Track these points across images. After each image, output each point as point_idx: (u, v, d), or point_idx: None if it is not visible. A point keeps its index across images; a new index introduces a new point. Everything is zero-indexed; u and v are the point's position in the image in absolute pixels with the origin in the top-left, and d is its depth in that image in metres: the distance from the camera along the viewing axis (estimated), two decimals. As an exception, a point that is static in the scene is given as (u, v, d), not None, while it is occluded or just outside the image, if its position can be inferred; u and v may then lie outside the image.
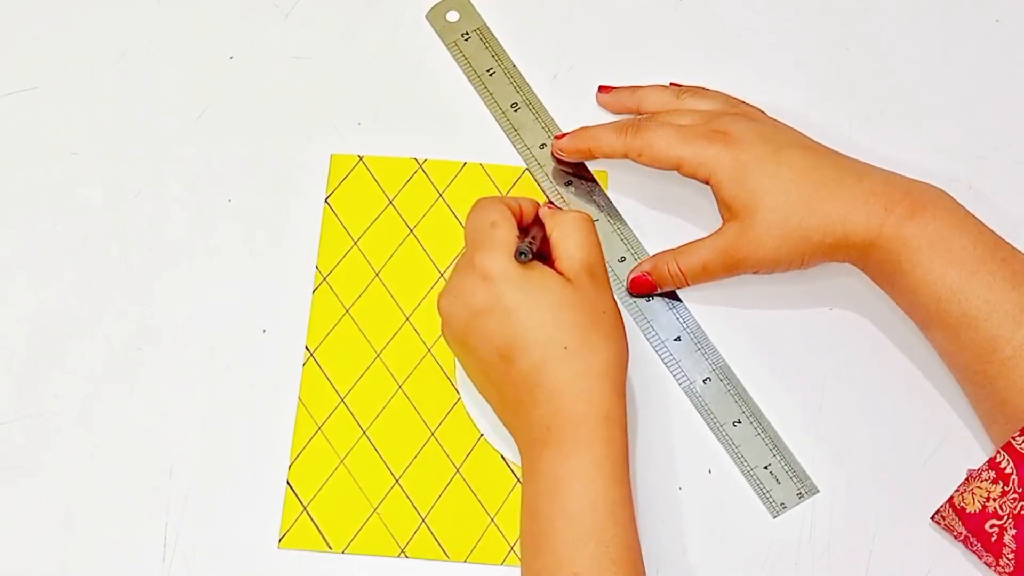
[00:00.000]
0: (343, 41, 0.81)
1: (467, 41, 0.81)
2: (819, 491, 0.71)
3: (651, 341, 0.74)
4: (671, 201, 0.77)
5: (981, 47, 0.82)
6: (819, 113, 0.78)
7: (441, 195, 0.77)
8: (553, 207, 0.72)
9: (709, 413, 0.73)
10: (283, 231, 0.76)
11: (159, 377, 0.73)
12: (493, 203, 0.67)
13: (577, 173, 0.78)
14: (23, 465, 0.71)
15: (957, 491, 0.67)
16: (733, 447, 0.72)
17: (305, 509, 0.70)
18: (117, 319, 0.74)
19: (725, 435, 0.72)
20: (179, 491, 0.70)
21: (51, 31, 0.81)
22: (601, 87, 0.79)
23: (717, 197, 0.72)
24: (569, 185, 0.78)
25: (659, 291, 0.75)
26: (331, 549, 0.70)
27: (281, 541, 0.70)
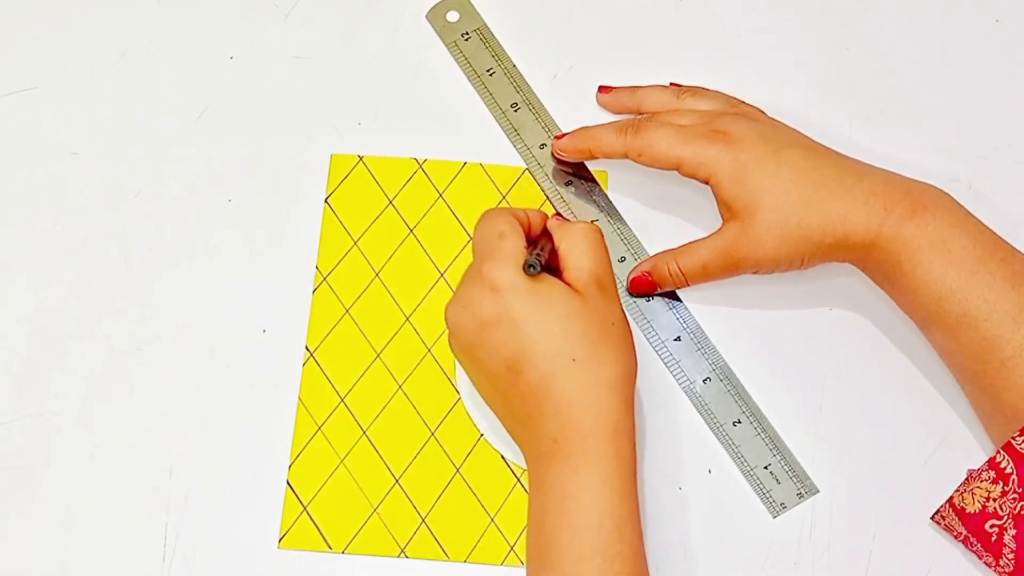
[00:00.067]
0: (343, 41, 0.81)
1: (467, 41, 0.81)
2: (819, 491, 0.71)
3: (651, 341, 0.74)
4: (671, 201, 0.77)
5: (981, 47, 0.82)
6: (819, 113, 0.78)
7: (441, 195, 0.77)
8: (561, 218, 0.72)
9: (709, 413, 0.73)
10: (283, 231, 0.76)
11: (159, 377, 0.73)
12: (501, 214, 0.67)
13: (577, 173, 0.78)
14: (23, 465, 0.71)
15: (957, 491, 0.67)
16: (733, 447, 0.72)
17: (305, 509, 0.70)
18: (117, 319, 0.74)
19: (725, 435, 0.72)
20: (179, 491, 0.70)
21: (51, 31, 0.81)
22: (601, 87, 0.79)
23: (717, 197, 0.72)
24: (569, 185, 0.78)
25: (659, 291, 0.75)
26: (331, 549, 0.70)
27: (281, 541, 0.70)
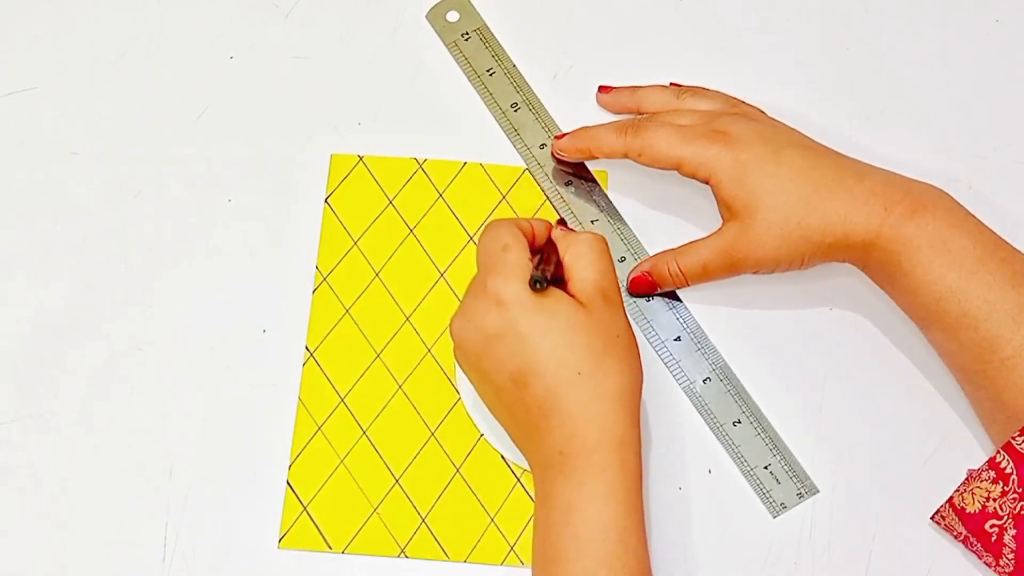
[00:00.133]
0: (343, 41, 0.81)
1: (467, 41, 0.81)
2: (819, 491, 0.71)
3: (651, 341, 0.74)
4: (671, 201, 0.77)
5: (981, 47, 0.82)
6: (819, 113, 0.78)
7: (441, 195, 0.77)
8: (566, 228, 0.71)
9: (709, 413, 0.73)
10: (283, 231, 0.76)
11: (159, 377, 0.73)
12: (505, 225, 0.66)
13: (577, 173, 0.78)
14: (23, 465, 0.71)
15: (957, 491, 0.67)
16: (733, 447, 0.72)
17: (305, 509, 0.70)
18: (117, 319, 0.74)
19: (725, 435, 0.72)
20: (179, 491, 0.70)
21: (51, 31, 0.81)
22: (601, 87, 0.79)
23: (717, 197, 0.72)
24: (569, 185, 0.78)
25: (659, 291, 0.75)
26: (331, 549, 0.70)
27: (281, 541, 0.70)
